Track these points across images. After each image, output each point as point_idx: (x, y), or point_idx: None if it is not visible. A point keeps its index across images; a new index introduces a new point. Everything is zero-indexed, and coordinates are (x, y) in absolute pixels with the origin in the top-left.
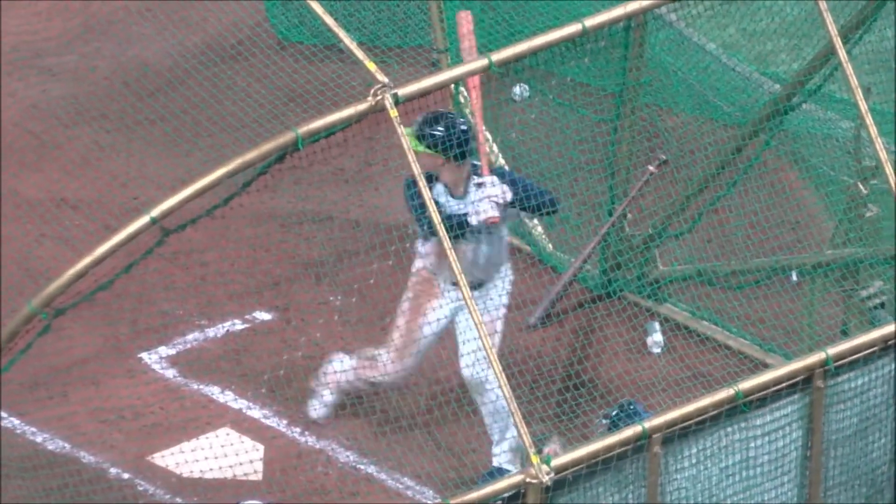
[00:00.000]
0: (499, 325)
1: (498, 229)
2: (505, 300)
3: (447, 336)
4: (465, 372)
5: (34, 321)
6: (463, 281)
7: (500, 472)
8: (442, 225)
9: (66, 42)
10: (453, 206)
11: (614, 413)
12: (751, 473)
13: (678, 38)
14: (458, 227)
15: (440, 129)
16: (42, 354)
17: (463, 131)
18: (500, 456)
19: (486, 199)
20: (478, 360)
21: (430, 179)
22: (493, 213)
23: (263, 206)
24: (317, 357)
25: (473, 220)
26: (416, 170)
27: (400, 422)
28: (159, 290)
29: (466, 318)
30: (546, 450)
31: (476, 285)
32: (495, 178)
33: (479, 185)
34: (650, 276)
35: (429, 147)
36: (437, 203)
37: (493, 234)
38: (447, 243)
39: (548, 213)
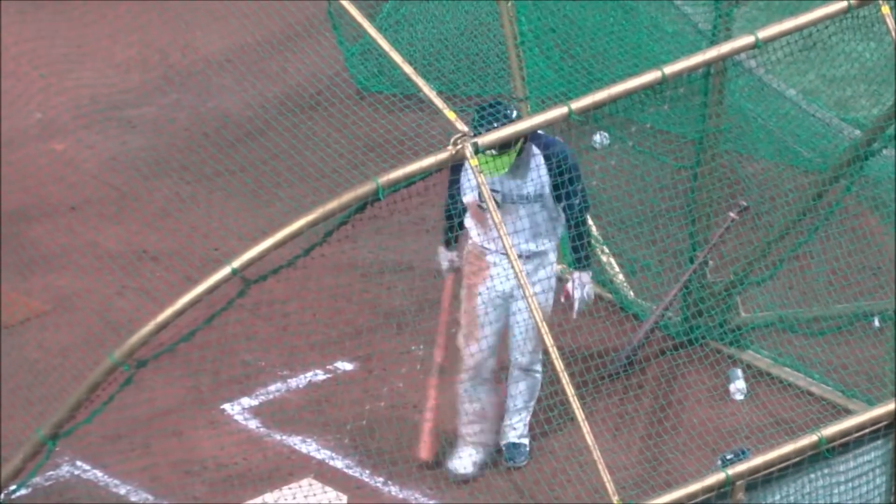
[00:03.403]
0: (548, 310)
1: (535, 199)
2: (552, 283)
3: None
4: (522, 360)
5: (116, 373)
6: (508, 242)
7: (515, 448)
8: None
9: (145, 94)
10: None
11: (729, 457)
12: None
13: (758, 84)
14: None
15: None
16: (124, 406)
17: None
18: (518, 428)
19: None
20: (527, 342)
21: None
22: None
23: (344, 256)
24: (399, 407)
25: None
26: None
27: (483, 470)
28: (241, 341)
29: (520, 308)
30: None
31: (525, 256)
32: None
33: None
34: (732, 323)
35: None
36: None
37: (529, 202)
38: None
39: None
